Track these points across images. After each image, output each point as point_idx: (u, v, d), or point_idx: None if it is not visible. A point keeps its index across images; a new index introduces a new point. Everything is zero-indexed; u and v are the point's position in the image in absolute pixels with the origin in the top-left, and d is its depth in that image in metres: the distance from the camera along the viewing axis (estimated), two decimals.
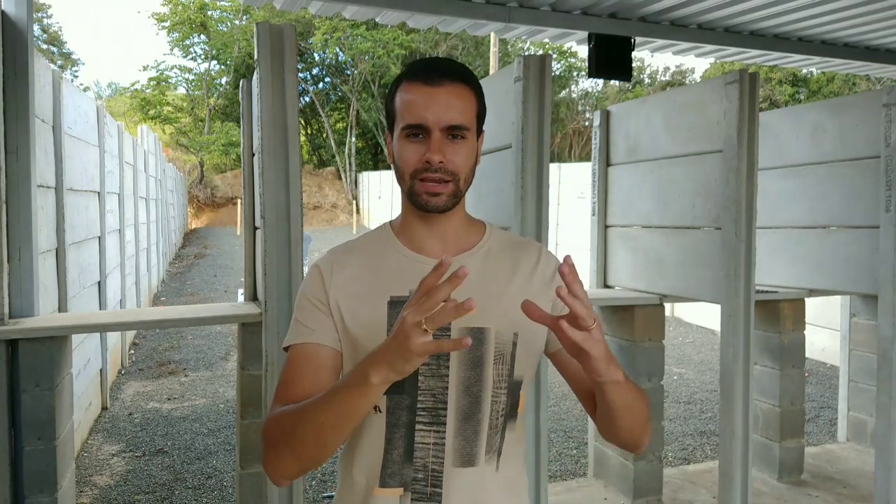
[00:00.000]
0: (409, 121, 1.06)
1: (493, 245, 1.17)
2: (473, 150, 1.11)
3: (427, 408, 1.08)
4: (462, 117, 1.07)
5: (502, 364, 1.11)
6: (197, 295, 11.01)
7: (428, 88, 1.06)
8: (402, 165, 1.09)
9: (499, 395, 1.10)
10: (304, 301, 1.14)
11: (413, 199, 1.09)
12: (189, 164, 27.29)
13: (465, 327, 1.08)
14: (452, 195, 1.09)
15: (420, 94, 1.06)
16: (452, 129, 1.06)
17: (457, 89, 1.08)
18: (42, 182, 3.49)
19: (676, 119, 3.22)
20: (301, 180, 2.47)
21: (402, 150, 1.08)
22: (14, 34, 2.55)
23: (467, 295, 1.08)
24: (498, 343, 1.10)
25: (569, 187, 11.03)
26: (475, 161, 1.13)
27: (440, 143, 1.06)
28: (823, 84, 21.89)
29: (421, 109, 1.06)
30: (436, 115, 1.05)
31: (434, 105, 1.05)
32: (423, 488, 1.07)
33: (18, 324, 2.49)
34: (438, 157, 1.05)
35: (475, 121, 1.11)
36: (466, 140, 1.08)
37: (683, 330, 8.82)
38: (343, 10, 3.66)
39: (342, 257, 1.16)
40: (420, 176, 1.07)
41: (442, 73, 1.08)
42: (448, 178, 1.07)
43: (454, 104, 1.06)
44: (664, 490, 3.57)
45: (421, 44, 25.55)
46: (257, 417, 2.77)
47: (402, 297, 1.09)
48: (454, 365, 1.08)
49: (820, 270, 3.65)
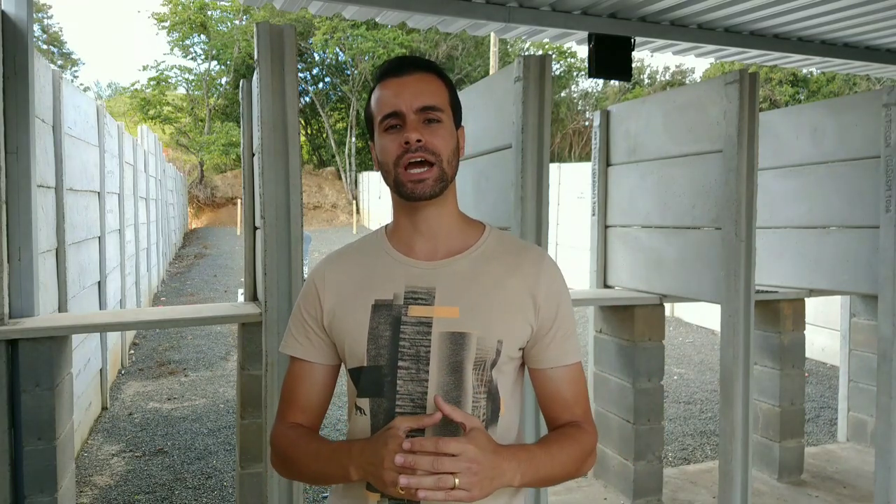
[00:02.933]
0: (384, 111, 1.08)
1: (488, 249, 1.15)
2: (453, 135, 1.12)
3: (406, 412, 1.07)
4: (434, 99, 1.09)
5: (482, 370, 1.09)
6: (197, 295, 11.01)
7: (397, 79, 1.10)
8: (384, 158, 1.10)
9: (479, 401, 1.09)
10: (298, 313, 1.18)
11: (399, 189, 1.09)
12: (189, 164, 27.28)
13: (446, 332, 1.08)
14: (438, 179, 1.08)
15: (391, 87, 1.10)
16: (426, 112, 1.08)
17: (425, 76, 1.11)
18: (42, 182, 3.49)
19: (676, 119, 3.22)
20: (301, 180, 2.47)
21: (382, 144, 1.10)
22: (14, 34, 2.55)
23: (455, 298, 1.10)
24: (479, 349, 1.08)
25: (569, 187, 11.04)
26: (456, 146, 1.13)
27: (416, 124, 1.07)
28: (823, 84, 21.89)
29: (393, 98, 1.08)
30: (407, 100, 1.07)
31: (405, 91, 1.08)
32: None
33: (18, 324, 2.49)
34: (416, 135, 1.06)
35: (448, 106, 1.12)
36: (442, 123, 1.09)
37: (683, 330, 8.82)
38: (343, 10, 3.66)
39: (334, 266, 1.18)
40: (402, 163, 1.07)
41: (409, 65, 1.11)
42: (431, 160, 1.07)
43: (424, 89, 1.09)
44: (664, 490, 3.57)
45: (421, 44, 25.54)
46: (257, 417, 2.76)
47: (385, 301, 1.10)
48: (433, 370, 1.07)
49: (820, 270, 3.65)
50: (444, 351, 1.07)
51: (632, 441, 3.46)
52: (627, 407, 3.49)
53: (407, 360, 1.08)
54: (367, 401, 1.10)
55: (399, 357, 1.08)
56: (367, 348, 1.09)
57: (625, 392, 3.51)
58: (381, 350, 1.08)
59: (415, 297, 1.10)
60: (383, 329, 1.09)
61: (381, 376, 1.08)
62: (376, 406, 1.09)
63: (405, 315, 1.09)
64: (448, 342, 1.08)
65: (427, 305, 1.09)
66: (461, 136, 1.16)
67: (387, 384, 1.08)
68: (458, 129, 1.15)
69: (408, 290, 1.10)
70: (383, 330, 1.09)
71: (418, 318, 1.08)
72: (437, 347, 1.08)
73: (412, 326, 1.08)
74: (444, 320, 1.08)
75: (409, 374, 1.07)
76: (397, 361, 1.08)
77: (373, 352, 1.09)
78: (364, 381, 1.10)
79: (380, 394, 1.08)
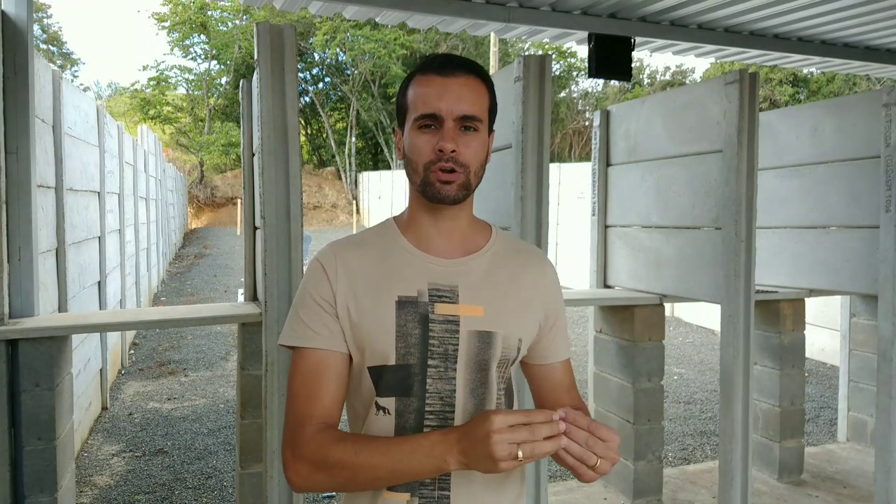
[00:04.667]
0: (423, 111, 1.06)
1: (499, 248, 1.17)
2: (485, 145, 1.10)
3: (435, 411, 1.07)
4: (475, 108, 1.06)
5: (504, 368, 1.12)
6: (197, 295, 11.01)
7: (442, 79, 1.06)
8: (414, 157, 1.07)
9: (500, 398, 1.12)
10: (309, 300, 1.10)
11: (426, 189, 1.07)
12: (189, 164, 27.28)
13: (473, 330, 1.08)
14: (463, 186, 1.07)
15: (434, 85, 1.06)
16: (465, 120, 1.06)
17: (470, 81, 1.08)
18: (42, 182, 3.49)
19: (676, 119, 3.22)
20: (301, 180, 2.47)
21: (414, 141, 1.07)
22: (14, 34, 2.55)
23: (476, 297, 1.10)
24: (504, 348, 1.10)
25: (569, 187, 11.04)
26: (486, 157, 1.11)
27: (453, 132, 1.05)
28: (823, 84, 21.89)
29: (434, 99, 1.05)
30: (449, 105, 1.05)
31: (447, 95, 1.05)
32: (430, 492, 1.06)
33: (18, 324, 2.49)
34: (451, 146, 1.04)
35: (487, 115, 1.10)
36: (479, 133, 1.08)
37: (683, 330, 8.82)
38: (343, 10, 3.66)
39: (345, 253, 1.12)
40: (433, 168, 1.06)
41: (456, 66, 1.08)
42: (459, 170, 1.06)
43: (467, 95, 1.06)
44: (664, 490, 3.57)
45: (422, 44, 25.54)
46: (257, 417, 2.76)
47: (409, 297, 1.08)
48: (461, 368, 1.08)
49: (820, 270, 3.65)
50: (472, 349, 1.08)
51: (632, 441, 3.46)
52: (627, 407, 3.49)
53: (436, 359, 1.07)
54: (391, 400, 1.07)
55: (429, 356, 1.07)
56: (397, 346, 1.07)
57: (625, 392, 3.51)
58: (410, 348, 1.07)
59: (439, 294, 1.09)
60: (412, 327, 1.07)
61: (410, 375, 1.07)
62: (403, 405, 1.07)
63: (432, 313, 1.07)
64: (475, 341, 1.08)
65: (452, 304, 1.08)
66: (490, 140, 1.14)
67: (416, 383, 1.07)
68: (490, 134, 1.14)
69: (431, 287, 1.09)
70: (412, 328, 1.07)
71: (445, 316, 1.08)
72: (465, 346, 1.08)
73: (440, 325, 1.07)
74: (470, 319, 1.08)
75: (437, 372, 1.07)
76: (427, 360, 1.07)
77: (402, 350, 1.07)
78: (389, 379, 1.07)
79: (408, 393, 1.07)
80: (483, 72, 1.11)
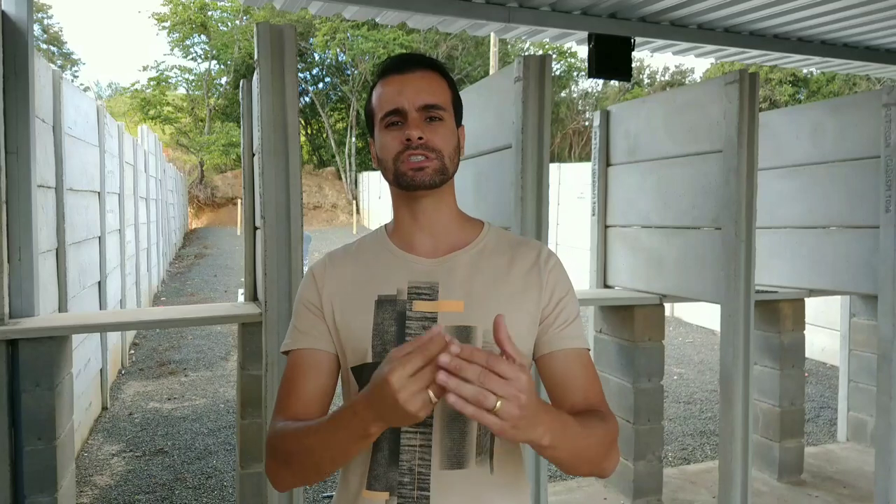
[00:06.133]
0: (386, 109, 1.08)
1: (489, 244, 1.16)
2: (454, 133, 1.12)
3: None
4: (436, 98, 1.09)
5: None
6: (197, 295, 11.01)
7: (401, 76, 1.09)
8: (384, 155, 1.10)
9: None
10: (300, 306, 1.15)
11: (399, 179, 1.09)
12: (189, 164, 27.28)
13: (451, 326, 1.07)
14: (438, 171, 1.08)
15: (393, 84, 1.09)
16: (428, 110, 1.08)
17: (428, 75, 1.11)
18: (42, 182, 3.49)
19: (676, 119, 3.22)
20: (301, 180, 2.47)
21: (382, 140, 1.10)
22: (14, 34, 2.55)
23: (458, 292, 1.09)
24: (486, 343, 1.07)
25: (569, 187, 11.03)
26: (457, 145, 1.13)
27: (417, 122, 1.07)
28: (823, 84, 21.88)
29: (395, 95, 1.08)
30: (410, 97, 1.07)
31: (407, 89, 1.08)
32: (409, 492, 1.05)
33: (18, 324, 2.49)
34: (417, 133, 1.06)
35: (451, 105, 1.12)
36: (444, 122, 1.09)
37: (683, 330, 8.82)
38: (343, 10, 3.66)
39: (337, 260, 1.17)
40: (402, 158, 1.07)
41: (414, 63, 1.11)
42: (432, 155, 1.07)
43: (426, 87, 1.09)
44: (664, 490, 3.57)
45: (421, 44, 25.54)
46: (257, 417, 2.77)
47: (389, 296, 1.09)
48: None
49: (820, 270, 3.65)
50: None
51: (632, 441, 3.46)
52: (627, 407, 3.49)
53: None
54: None
55: None
56: (373, 343, 1.08)
57: (625, 392, 3.51)
58: (386, 346, 1.07)
59: (418, 292, 1.09)
60: (388, 325, 1.08)
61: None
62: None
63: (409, 310, 1.08)
64: (454, 336, 1.06)
65: (431, 300, 1.09)
66: (461, 134, 1.16)
67: None
68: (458, 128, 1.15)
69: (411, 285, 1.10)
70: (388, 325, 1.08)
71: (423, 313, 1.08)
72: None
73: (417, 321, 1.07)
74: (450, 314, 1.08)
75: None
76: None
77: (378, 347, 1.08)
78: (368, 377, 1.04)
79: None
80: (442, 67, 1.14)
